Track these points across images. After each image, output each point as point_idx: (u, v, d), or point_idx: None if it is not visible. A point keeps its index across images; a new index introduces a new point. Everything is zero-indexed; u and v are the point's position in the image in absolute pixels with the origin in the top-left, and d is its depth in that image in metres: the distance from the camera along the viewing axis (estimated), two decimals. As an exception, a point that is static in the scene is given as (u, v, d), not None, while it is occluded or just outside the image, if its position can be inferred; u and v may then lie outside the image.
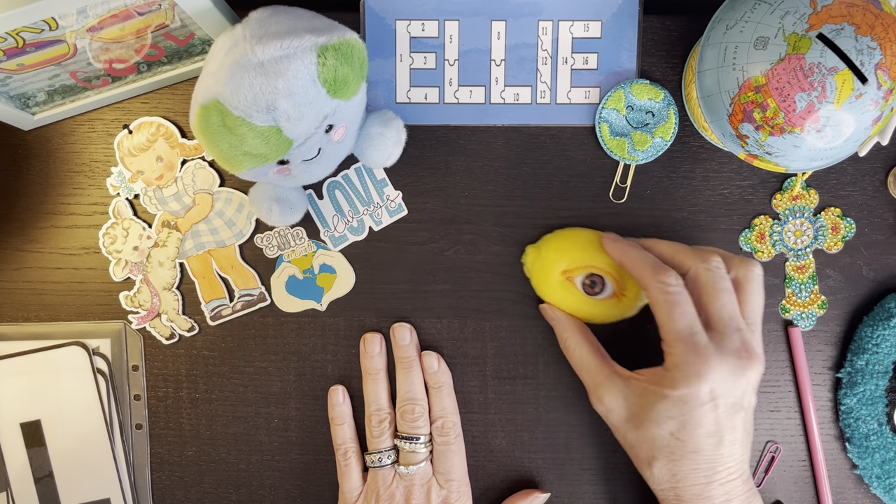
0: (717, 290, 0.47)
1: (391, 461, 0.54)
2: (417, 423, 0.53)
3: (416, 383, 0.54)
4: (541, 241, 0.54)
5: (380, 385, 0.55)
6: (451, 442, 0.54)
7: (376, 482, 0.53)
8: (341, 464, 0.55)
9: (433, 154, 0.56)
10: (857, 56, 0.42)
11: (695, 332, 0.46)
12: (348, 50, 0.45)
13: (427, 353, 0.55)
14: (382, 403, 0.55)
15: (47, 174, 0.56)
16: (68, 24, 0.46)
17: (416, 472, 0.53)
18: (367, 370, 0.55)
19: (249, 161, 0.46)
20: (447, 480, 0.53)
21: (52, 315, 0.57)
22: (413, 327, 0.56)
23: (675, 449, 0.46)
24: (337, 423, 0.55)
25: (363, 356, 0.56)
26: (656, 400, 0.46)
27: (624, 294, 0.51)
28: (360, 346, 0.56)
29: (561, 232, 0.54)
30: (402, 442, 0.53)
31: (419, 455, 0.53)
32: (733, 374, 0.45)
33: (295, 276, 0.56)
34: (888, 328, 0.53)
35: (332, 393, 0.56)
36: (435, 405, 0.54)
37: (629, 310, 0.52)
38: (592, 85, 0.55)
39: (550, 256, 0.53)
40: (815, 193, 0.55)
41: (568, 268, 0.52)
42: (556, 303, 0.53)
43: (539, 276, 0.53)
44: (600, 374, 0.50)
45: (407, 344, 0.55)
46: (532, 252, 0.54)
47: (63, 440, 0.56)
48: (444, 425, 0.54)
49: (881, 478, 0.55)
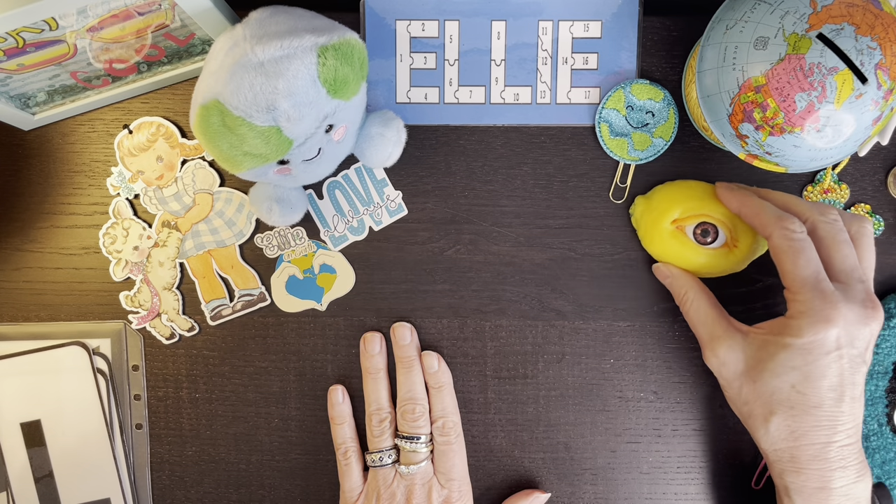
0: (838, 242, 0.46)
1: (392, 460, 0.54)
2: (418, 422, 0.53)
3: (416, 383, 0.54)
4: (651, 192, 0.54)
5: (380, 384, 0.55)
6: (452, 442, 0.54)
7: (377, 481, 0.53)
8: (342, 463, 0.55)
9: (433, 154, 0.56)
10: (857, 56, 0.42)
11: (821, 279, 0.45)
12: (348, 50, 0.45)
13: (427, 353, 0.55)
14: (383, 403, 0.55)
15: (47, 174, 0.56)
16: (68, 24, 0.46)
17: (416, 472, 0.53)
18: (367, 370, 0.55)
19: (249, 161, 0.46)
20: (448, 480, 0.53)
21: (52, 315, 0.57)
22: (413, 327, 0.56)
23: (795, 403, 0.45)
24: (337, 423, 0.55)
25: (363, 355, 0.56)
26: (777, 350, 0.45)
27: (735, 245, 0.51)
28: (360, 345, 0.56)
29: (672, 182, 0.54)
30: (403, 441, 0.53)
31: (420, 455, 0.53)
32: (860, 323, 0.44)
33: (295, 276, 0.56)
34: (888, 328, 0.53)
35: (332, 392, 0.56)
36: (435, 405, 0.54)
37: (739, 262, 0.52)
38: (592, 85, 0.55)
39: (662, 206, 0.52)
40: (846, 188, 0.55)
41: (680, 216, 0.52)
42: (665, 253, 0.53)
43: (648, 226, 0.53)
44: (718, 327, 0.49)
45: (407, 343, 0.55)
46: (641, 202, 0.54)
47: (63, 440, 0.56)
48: (445, 425, 0.54)
49: (881, 478, 0.55)
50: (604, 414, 0.56)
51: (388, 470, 0.54)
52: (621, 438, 0.57)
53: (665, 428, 0.56)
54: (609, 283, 0.56)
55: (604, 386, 0.56)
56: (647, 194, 0.54)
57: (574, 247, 0.56)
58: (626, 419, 0.56)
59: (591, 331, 0.56)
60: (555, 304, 0.56)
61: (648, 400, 0.56)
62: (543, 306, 0.56)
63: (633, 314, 0.56)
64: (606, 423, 0.57)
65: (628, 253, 0.56)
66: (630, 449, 0.57)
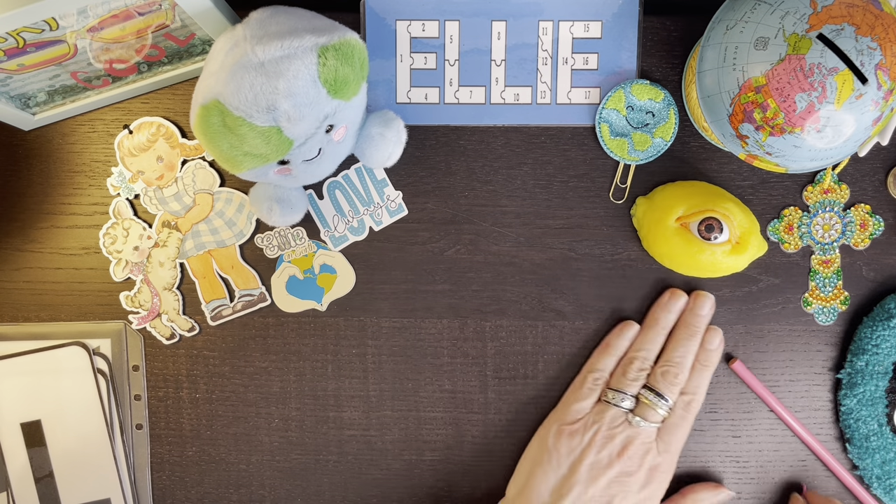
0: None
1: (628, 407, 0.53)
2: (674, 387, 0.53)
3: (690, 351, 0.54)
4: (652, 192, 0.54)
5: (659, 339, 0.54)
6: (690, 420, 0.53)
7: (603, 417, 0.53)
8: (587, 383, 0.54)
9: (433, 154, 0.56)
10: (857, 56, 0.42)
11: None
12: (349, 50, 0.45)
13: (713, 328, 0.55)
14: (651, 355, 0.54)
15: (48, 174, 0.56)
16: (69, 25, 0.46)
17: (645, 428, 0.52)
18: (656, 320, 0.55)
19: (250, 161, 0.46)
20: (666, 451, 0.52)
21: (52, 315, 0.57)
22: (714, 302, 0.55)
23: None
24: (610, 353, 0.55)
25: (660, 307, 0.55)
26: None
27: (739, 241, 0.52)
28: (662, 296, 0.55)
29: (673, 183, 0.55)
30: (651, 395, 0.52)
31: (657, 414, 0.52)
32: None
33: (295, 276, 0.56)
34: (888, 328, 0.53)
35: (627, 325, 0.55)
36: (693, 379, 0.54)
37: (742, 260, 0.52)
38: (592, 85, 0.55)
39: (666, 203, 0.53)
40: (846, 188, 0.55)
41: (685, 213, 0.52)
42: (669, 252, 0.53)
43: (651, 225, 0.53)
44: None
45: (703, 315, 0.55)
46: (643, 203, 0.54)
47: (63, 440, 0.56)
48: (692, 402, 0.53)
49: (881, 478, 0.55)
50: (604, 414, 0.56)
51: (619, 413, 0.53)
52: (621, 438, 0.57)
53: (665, 428, 0.56)
54: (609, 283, 0.56)
55: (604, 386, 0.56)
56: (648, 195, 0.55)
57: (574, 247, 0.56)
58: (626, 419, 0.56)
59: (592, 331, 0.56)
60: (555, 305, 0.56)
61: (648, 400, 0.56)
62: (543, 306, 0.56)
63: (632, 314, 0.56)
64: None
65: (628, 253, 0.56)
66: (630, 449, 0.57)
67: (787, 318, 0.56)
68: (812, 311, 0.56)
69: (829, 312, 0.55)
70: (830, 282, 0.55)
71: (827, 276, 0.55)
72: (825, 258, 0.55)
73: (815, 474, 0.56)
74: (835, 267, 0.55)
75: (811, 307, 0.56)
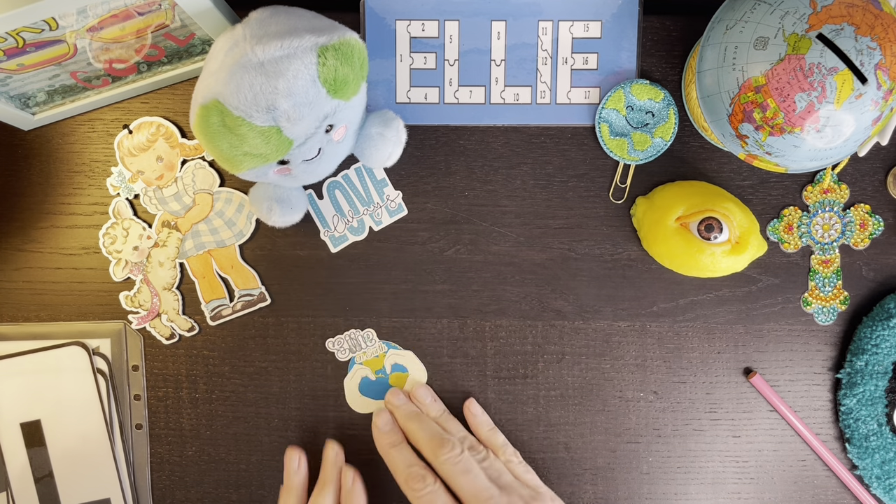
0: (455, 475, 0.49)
1: None
2: None
3: None
4: (652, 192, 0.54)
5: None
6: None
7: None
8: None
9: (433, 154, 0.56)
10: (856, 56, 0.42)
11: None
12: (348, 50, 0.45)
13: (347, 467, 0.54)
14: None
15: (47, 174, 0.56)
16: (68, 24, 0.46)
17: None
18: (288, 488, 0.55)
19: (250, 161, 0.46)
20: None
21: (52, 315, 0.57)
22: (341, 448, 0.55)
23: None
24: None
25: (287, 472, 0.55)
26: None
27: (738, 241, 0.52)
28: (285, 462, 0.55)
29: (673, 183, 0.55)
30: None
31: None
32: None
33: (367, 378, 0.56)
34: (888, 328, 0.53)
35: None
36: None
37: (742, 260, 0.52)
38: (592, 85, 0.55)
39: (665, 203, 0.53)
40: (846, 188, 0.55)
41: (685, 213, 0.52)
42: (668, 252, 0.53)
43: (651, 225, 0.53)
44: None
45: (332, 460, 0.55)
46: (643, 203, 0.54)
47: (63, 440, 0.56)
48: None
49: (881, 478, 0.55)
50: (604, 414, 0.57)
51: None
52: (621, 438, 0.57)
53: (665, 428, 0.56)
54: (609, 283, 0.56)
55: (604, 386, 0.56)
56: (648, 195, 0.55)
57: (574, 247, 0.56)
58: (626, 419, 0.56)
59: (591, 331, 0.56)
60: (555, 304, 0.56)
61: (648, 400, 0.56)
62: (543, 306, 0.56)
63: (633, 314, 0.56)
64: (606, 423, 0.57)
65: (628, 253, 0.56)
66: (630, 449, 0.57)
67: (787, 317, 0.56)
68: (812, 310, 0.56)
69: (829, 312, 0.55)
70: (830, 282, 0.55)
71: (826, 276, 0.55)
72: (825, 258, 0.55)
73: (816, 474, 0.56)
74: (834, 267, 0.55)
75: (811, 307, 0.56)
